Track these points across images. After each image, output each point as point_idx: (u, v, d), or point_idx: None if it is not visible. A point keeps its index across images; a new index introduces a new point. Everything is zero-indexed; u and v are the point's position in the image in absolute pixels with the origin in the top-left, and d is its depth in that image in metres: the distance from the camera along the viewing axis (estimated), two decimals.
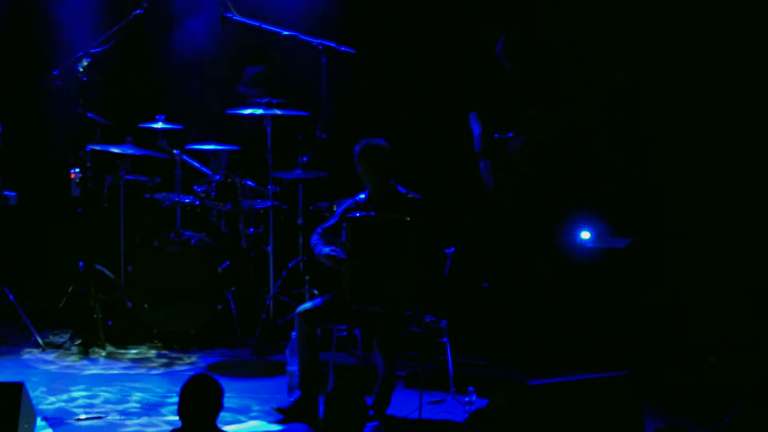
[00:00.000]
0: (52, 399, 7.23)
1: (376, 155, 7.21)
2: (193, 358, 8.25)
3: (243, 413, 7.09)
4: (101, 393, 7.39)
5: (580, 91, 8.07)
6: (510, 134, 8.25)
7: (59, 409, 7.03)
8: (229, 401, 7.02)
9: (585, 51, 8.38)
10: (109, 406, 7.15)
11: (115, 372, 7.90)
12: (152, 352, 8.35)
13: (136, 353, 8.30)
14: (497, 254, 8.58)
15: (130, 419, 6.92)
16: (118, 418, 6.94)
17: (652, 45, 8.33)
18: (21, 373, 7.64)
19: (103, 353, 8.21)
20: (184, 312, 8.52)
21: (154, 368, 8.01)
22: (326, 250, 7.18)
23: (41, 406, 6.95)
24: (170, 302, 8.53)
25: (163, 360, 8.18)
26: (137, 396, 7.37)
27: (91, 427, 6.81)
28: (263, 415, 7.04)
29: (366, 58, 8.73)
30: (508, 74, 8.28)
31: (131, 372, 7.90)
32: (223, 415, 5.21)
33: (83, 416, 6.92)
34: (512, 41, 8.27)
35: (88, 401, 7.24)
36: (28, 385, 5.86)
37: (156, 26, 9.11)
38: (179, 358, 8.25)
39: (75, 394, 7.35)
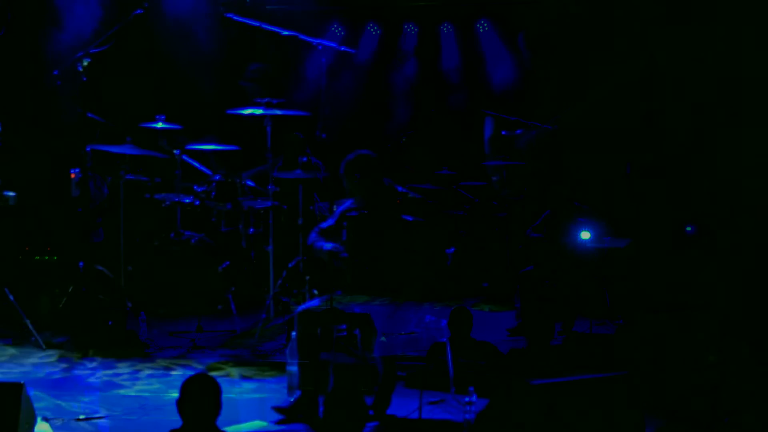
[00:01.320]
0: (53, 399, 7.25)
1: (354, 169, 7.14)
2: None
3: (243, 413, 7.09)
4: None
5: (594, 86, 8.09)
6: (519, 131, 8.25)
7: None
8: (228, 401, 7.04)
9: (599, 46, 8.39)
10: None
11: None
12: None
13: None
14: (498, 254, 8.59)
15: None
16: None
17: (656, 45, 8.33)
18: (21, 373, 7.64)
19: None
20: (185, 312, 8.52)
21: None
22: (328, 246, 7.19)
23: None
24: (170, 302, 8.53)
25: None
26: None
27: (90, 426, 6.81)
28: (263, 415, 7.04)
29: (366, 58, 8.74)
30: (524, 72, 8.29)
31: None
32: (223, 415, 5.20)
33: (83, 416, 6.92)
34: (532, 34, 8.29)
35: None
36: (28, 386, 5.87)
37: (156, 26, 9.12)
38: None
39: None
